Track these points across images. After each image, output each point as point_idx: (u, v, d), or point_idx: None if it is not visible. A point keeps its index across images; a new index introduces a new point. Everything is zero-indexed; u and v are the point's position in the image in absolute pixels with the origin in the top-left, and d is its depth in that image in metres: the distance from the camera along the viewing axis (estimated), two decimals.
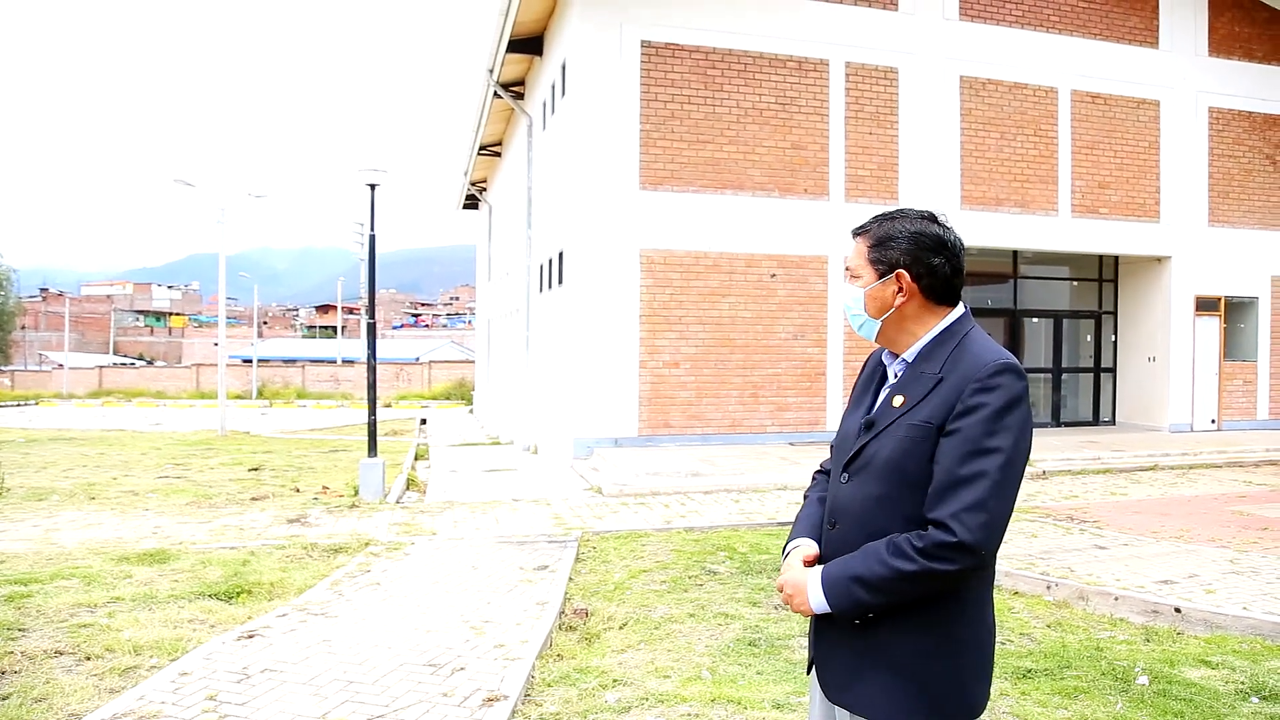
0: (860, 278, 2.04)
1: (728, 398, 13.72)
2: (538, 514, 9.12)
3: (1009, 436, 1.81)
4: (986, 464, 1.79)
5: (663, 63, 13.28)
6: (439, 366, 47.06)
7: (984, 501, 1.77)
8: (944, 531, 1.77)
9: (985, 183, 14.99)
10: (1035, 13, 15.29)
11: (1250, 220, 16.73)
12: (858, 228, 2.09)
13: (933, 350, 1.97)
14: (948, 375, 1.90)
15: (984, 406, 1.81)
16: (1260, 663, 4.84)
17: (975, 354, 1.89)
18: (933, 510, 1.81)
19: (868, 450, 1.96)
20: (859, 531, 1.94)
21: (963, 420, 1.82)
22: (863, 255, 2.04)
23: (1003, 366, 1.84)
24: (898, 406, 1.95)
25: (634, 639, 5.09)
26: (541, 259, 16.33)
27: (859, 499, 1.96)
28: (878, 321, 2.02)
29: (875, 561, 1.83)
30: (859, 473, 1.98)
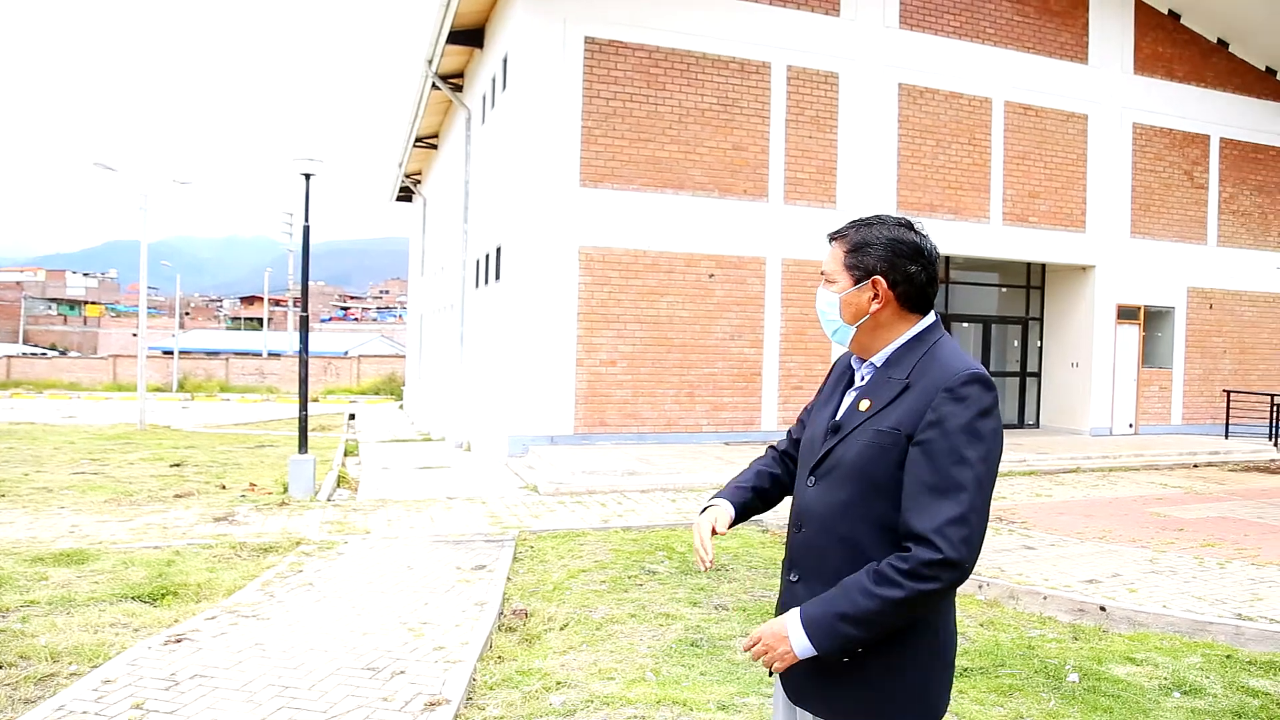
0: (836, 283, 2.02)
1: (664, 397, 13.74)
2: (473, 512, 8.99)
3: (982, 448, 1.80)
4: (963, 476, 1.78)
5: (606, 59, 13.23)
6: (368, 361, 46.23)
7: (965, 515, 1.76)
8: (928, 548, 1.75)
9: (921, 189, 15.28)
10: (972, 25, 15.64)
11: (1169, 233, 17.39)
12: (834, 232, 2.07)
13: (901, 356, 1.96)
14: (915, 382, 1.89)
15: (955, 417, 1.81)
16: (1180, 659, 5.01)
17: (944, 363, 1.89)
18: (912, 524, 1.79)
19: (834, 454, 1.96)
20: (825, 536, 1.94)
21: (934, 431, 1.81)
22: (839, 260, 2.02)
23: (972, 376, 1.84)
24: (864, 411, 1.94)
25: (575, 640, 5.04)
26: (478, 254, 16.13)
27: (825, 503, 1.95)
28: (852, 327, 2.01)
29: (860, 594, 1.79)
30: (825, 476, 1.97)
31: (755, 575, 6.70)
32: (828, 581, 1.92)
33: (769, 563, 7.11)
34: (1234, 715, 4.24)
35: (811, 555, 1.97)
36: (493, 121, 15.10)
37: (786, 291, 14.42)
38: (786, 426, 14.34)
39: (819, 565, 1.96)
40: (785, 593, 2.07)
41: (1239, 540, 8.05)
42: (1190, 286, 17.59)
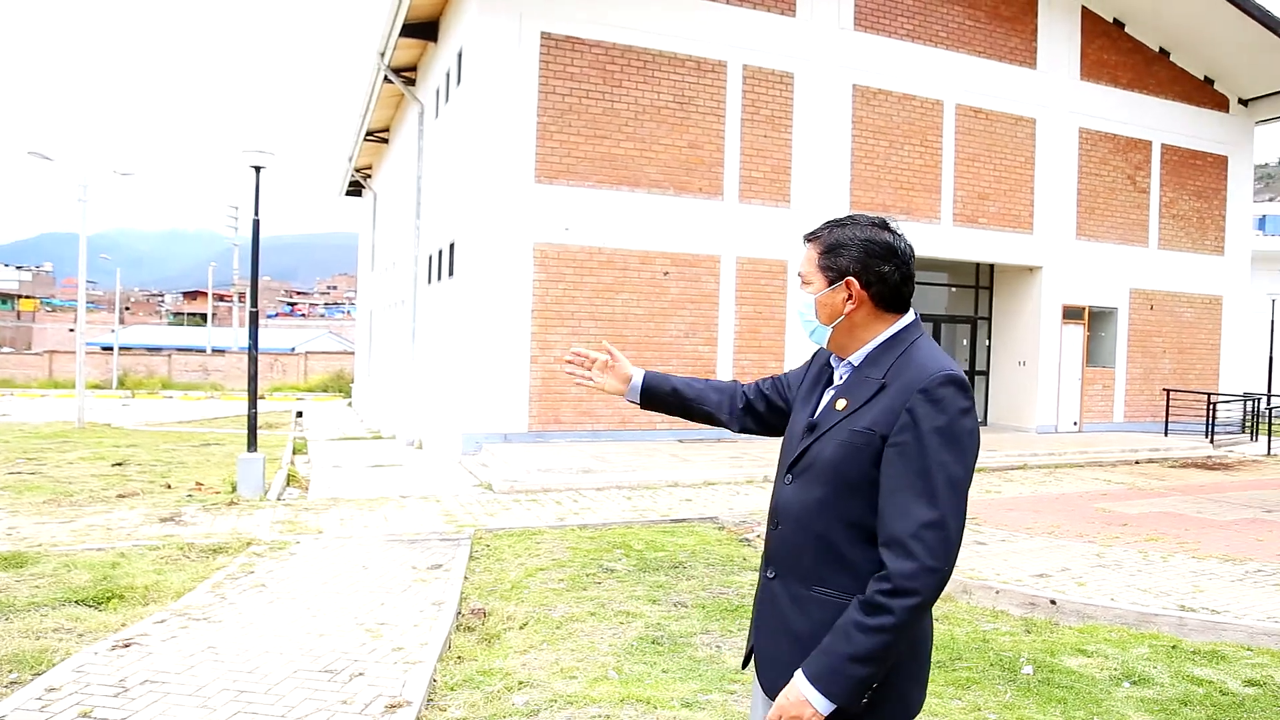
0: (811, 284, 2.03)
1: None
2: (428, 511, 8.89)
3: (958, 450, 1.81)
4: (939, 479, 1.78)
5: (562, 55, 13.16)
6: (316, 357, 45.48)
7: (942, 519, 1.77)
8: (905, 556, 1.76)
9: (874, 189, 15.45)
10: (925, 28, 15.86)
11: (1113, 235, 17.82)
12: (810, 233, 2.07)
13: (878, 356, 1.97)
14: (891, 382, 1.89)
15: (930, 419, 1.81)
16: (1129, 650, 5.14)
17: (920, 363, 1.89)
18: (889, 528, 1.80)
19: (810, 452, 1.97)
20: (801, 533, 1.96)
21: (909, 433, 1.81)
22: (813, 262, 2.03)
23: (947, 378, 1.84)
24: (840, 410, 1.95)
25: (536, 639, 5.01)
26: (431, 250, 15.96)
27: (801, 501, 1.96)
28: (829, 328, 2.02)
29: (857, 631, 1.77)
30: (802, 474, 1.98)
31: (713, 572, 6.72)
32: (803, 578, 1.94)
33: (725, 560, 7.14)
34: (1181, 704, 4.36)
35: (788, 552, 1.99)
36: (447, 116, 14.94)
37: (741, 290, 14.49)
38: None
39: (795, 562, 1.97)
40: (763, 589, 2.08)
41: (1180, 534, 8.28)
42: (1132, 288, 18.05)
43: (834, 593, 1.90)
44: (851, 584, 1.89)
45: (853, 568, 1.89)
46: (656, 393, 2.38)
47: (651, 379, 2.38)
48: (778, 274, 14.76)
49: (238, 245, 52.33)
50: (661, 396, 2.38)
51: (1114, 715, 4.16)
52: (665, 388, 2.38)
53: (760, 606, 2.08)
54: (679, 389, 2.38)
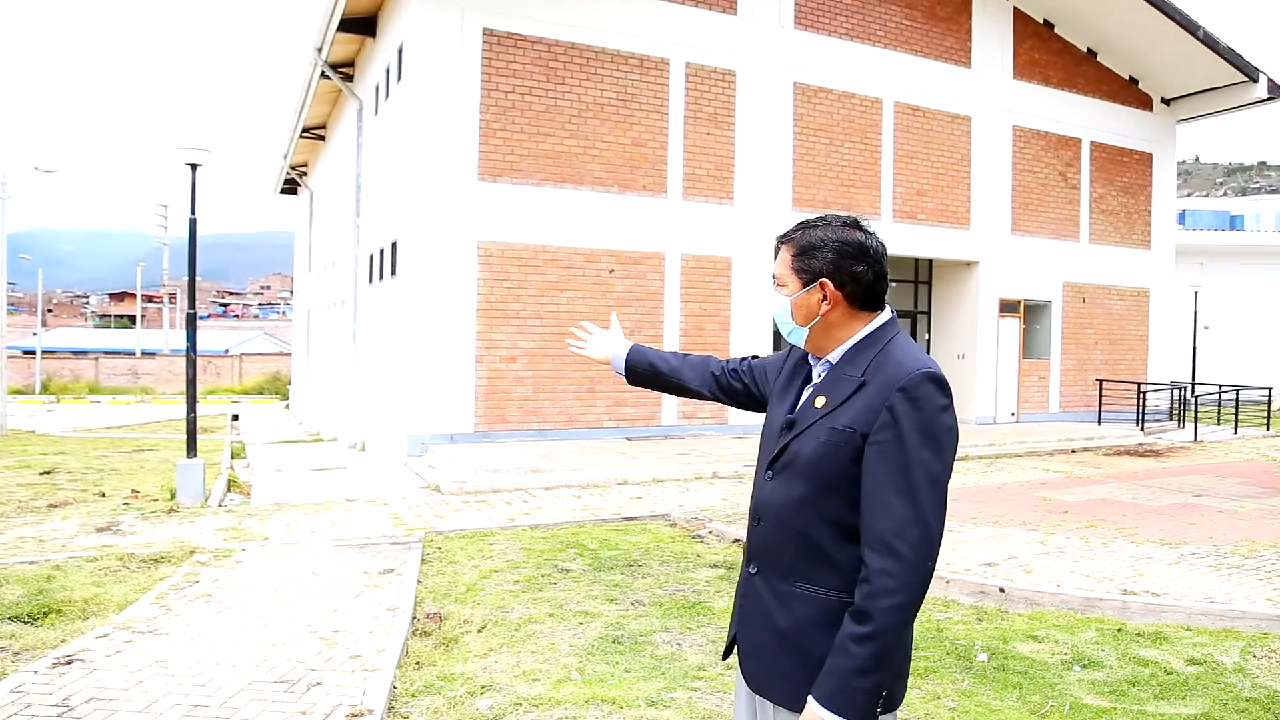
0: (786, 286, 2.04)
1: (565, 393, 13.66)
2: (376, 514, 8.74)
3: (938, 448, 1.83)
4: (919, 477, 1.80)
5: (505, 52, 13.04)
6: (251, 359, 44.48)
7: (923, 517, 1.79)
8: (886, 554, 1.78)
9: (815, 186, 15.62)
10: (863, 27, 16.08)
11: (1046, 230, 18.29)
12: (783, 235, 2.08)
13: (856, 354, 1.98)
14: (870, 380, 1.91)
15: (909, 418, 1.83)
16: (1077, 634, 5.28)
17: (898, 361, 1.91)
18: (872, 526, 1.82)
19: (790, 449, 1.98)
20: (781, 530, 1.98)
21: (889, 431, 1.83)
22: (787, 264, 2.04)
23: (926, 376, 1.86)
24: (819, 408, 1.96)
25: (495, 642, 4.96)
26: (372, 249, 15.69)
27: (781, 498, 1.99)
28: (806, 329, 2.03)
29: (854, 644, 1.78)
30: (782, 472, 2.00)
31: (668, 570, 6.73)
32: (785, 574, 1.96)
33: (679, 557, 7.16)
34: (1129, 684, 4.49)
35: (769, 548, 2.01)
36: (387, 113, 14.70)
37: (685, 287, 14.53)
38: (687, 421, 14.49)
39: (776, 558, 1.99)
40: (744, 584, 2.10)
41: (1118, 520, 8.53)
42: (1065, 281, 18.55)
43: (816, 589, 1.92)
44: (833, 580, 1.90)
45: (834, 564, 1.91)
46: (636, 368, 2.49)
47: (633, 356, 2.48)
48: (722, 271, 14.84)
49: (168, 245, 50.87)
50: (641, 372, 2.48)
51: (1067, 698, 4.27)
52: (643, 364, 2.48)
53: (743, 601, 2.09)
54: (655, 364, 2.46)
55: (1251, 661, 4.85)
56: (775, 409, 2.14)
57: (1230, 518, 8.79)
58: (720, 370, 2.42)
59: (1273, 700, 4.35)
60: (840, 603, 1.89)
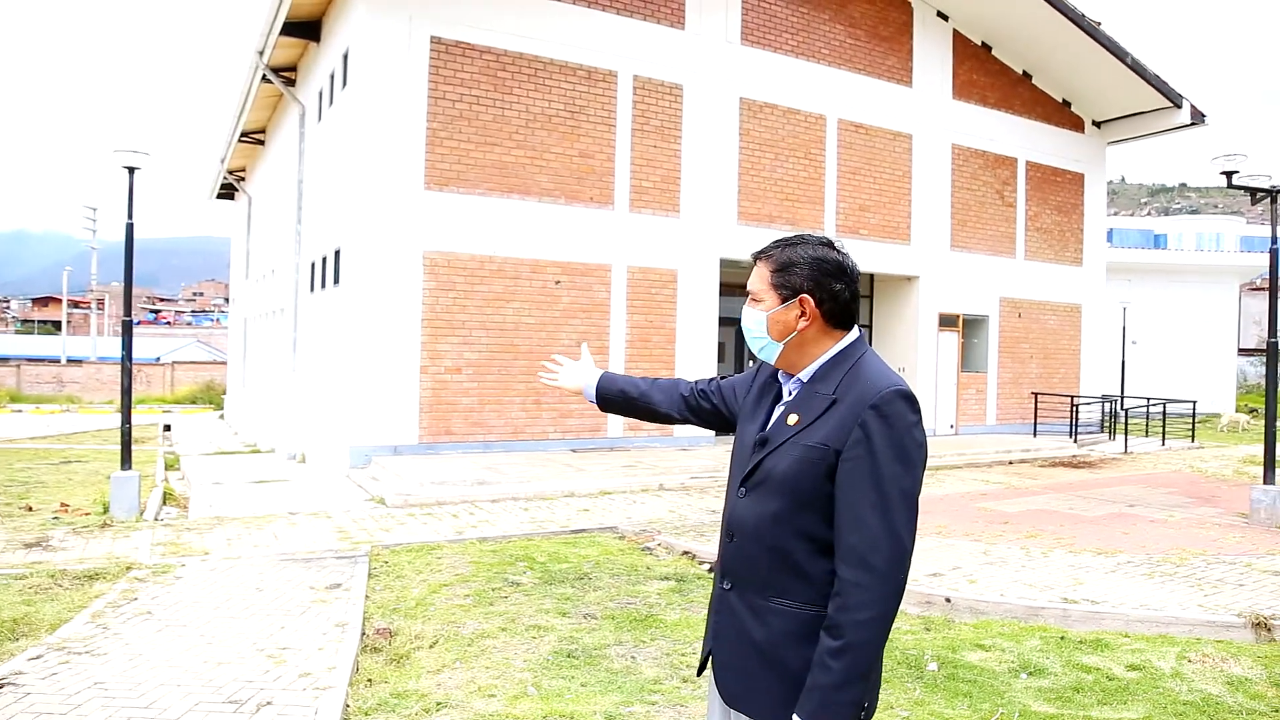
0: (763, 301, 2.06)
1: (511, 404, 13.57)
2: (320, 528, 8.57)
3: (908, 463, 1.88)
4: (892, 493, 1.85)
5: (452, 61, 12.95)
6: (184, 368, 43.28)
7: (896, 531, 1.84)
8: (859, 567, 1.83)
9: (760, 200, 15.79)
10: (808, 45, 16.33)
11: (983, 247, 18.75)
12: (760, 252, 2.11)
13: (827, 372, 2.02)
14: (842, 398, 1.94)
15: (882, 435, 1.87)
16: (1022, 642, 5.40)
17: (870, 379, 1.95)
18: (847, 541, 1.85)
19: (763, 466, 2.01)
20: (756, 545, 2.00)
21: (862, 448, 1.87)
22: (766, 280, 2.06)
23: (897, 393, 1.90)
24: (792, 425, 1.99)
25: (448, 658, 4.89)
26: (314, 256, 15.42)
27: (755, 514, 2.01)
28: (780, 345, 2.06)
29: (831, 659, 1.82)
30: (755, 488, 2.02)
31: (618, 582, 6.72)
32: (760, 589, 1.99)
33: (630, 569, 7.15)
34: (1074, 691, 4.61)
35: (743, 564, 2.03)
36: (331, 119, 14.48)
37: (632, 299, 14.56)
38: (633, 433, 14.49)
39: (750, 573, 2.01)
40: (719, 600, 2.11)
41: (1057, 530, 8.76)
42: (1002, 296, 19.02)
43: (791, 603, 1.95)
44: (808, 593, 1.93)
45: (808, 578, 1.94)
46: (606, 395, 2.51)
47: (603, 384, 2.51)
48: (668, 283, 14.90)
49: (96, 249, 49.33)
50: (611, 399, 2.51)
51: (1016, 706, 4.36)
52: (614, 391, 2.50)
53: (717, 616, 2.11)
54: (625, 390, 2.50)
55: (1187, 666, 5.01)
56: (746, 427, 2.16)
57: (1161, 527, 9.08)
58: (689, 391, 2.44)
59: (1208, 703, 4.50)
60: (815, 616, 1.92)
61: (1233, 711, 4.42)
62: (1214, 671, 4.93)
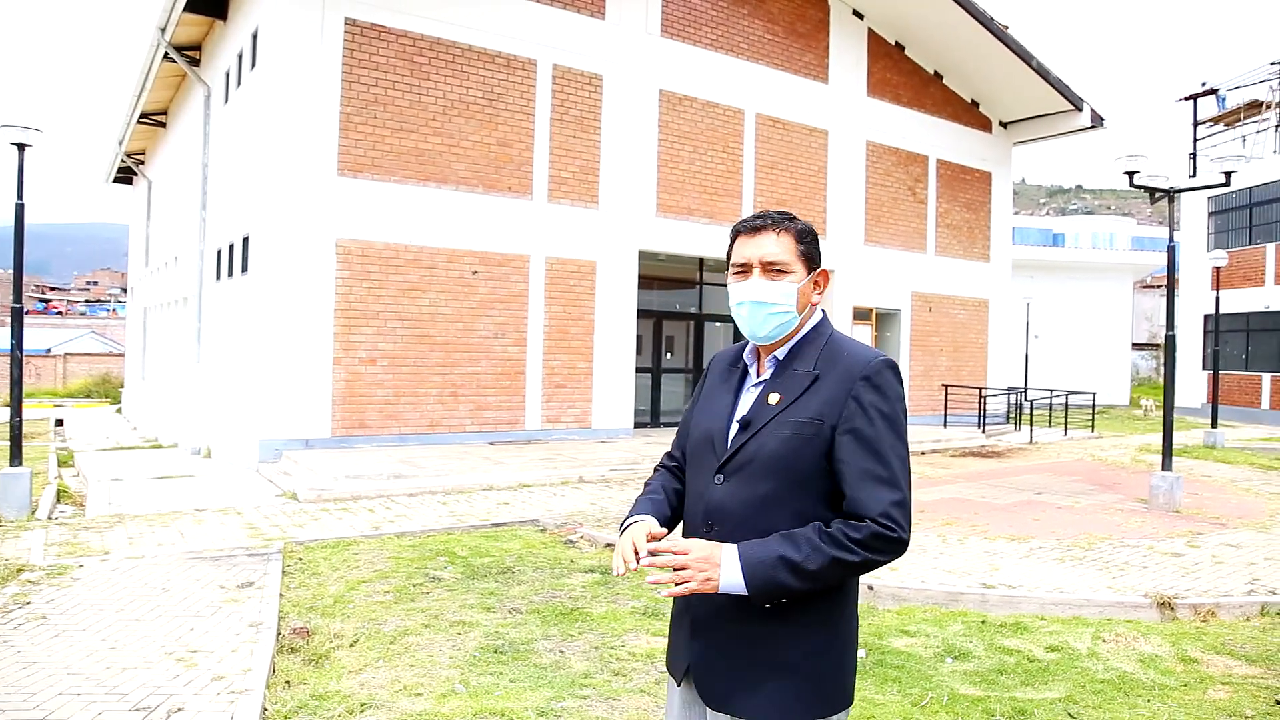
0: (793, 273, 1.98)
1: (427, 396, 13.29)
2: (229, 524, 8.23)
3: (901, 431, 1.89)
4: (894, 461, 1.85)
5: (368, 44, 12.58)
6: (77, 360, 41.26)
7: (904, 498, 1.84)
8: (883, 527, 1.79)
9: (679, 193, 15.81)
10: (727, 39, 16.41)
11: (896, 242, 19.16)
12: (776, 221, 2.01)
13: (801, 349, 1.99)
14: (825, 373, 1.92)
15: (878, 405, 1.87)
16: (945, 627, 5.49)
17: (853, 352, 1.94)
18: (860, 507, 1.82)
19: (748, 449, 1.93)
20: (746, 531, 1.89)
21: (861, 419, 1.86)
22: (793, 250, 1.99)
23: (885, 363, 1.91)
24: (774, 404, 1.94)
25: (370, 656, 4.72)
26: (220, 244, 14.82)
27: (741, 499, 1.92)
28: (797, 318, 1.99)
29: (808, 547, 1.79)
30: (738, 472, 1.93)
31: (542, 576, 6.62)
32: None
33: (553, 563, 7.05)
34: (998, 673, 4.70)
35: None
36: (239, 101, 13.92)
37: (550, 290, 14.41)
38: (551, 425, 14.37)
39: None
40: (698, 600, 1.95)
41: (971, 518, 8.98)
42: (914, 291, 19.48)
43: None
44: None
45: None
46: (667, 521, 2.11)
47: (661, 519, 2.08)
48: (586, 274, 14.80)
49: None
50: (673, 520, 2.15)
51: (944, 689, 4.42)
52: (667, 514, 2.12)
53: (696, 617, 1.97)
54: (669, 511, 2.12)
55: (1102, 646, 5.17)
56: (704, 414, 2.08)
57: (1068, 513, 9.41)
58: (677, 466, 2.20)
59: (1124, 681, 4.64)
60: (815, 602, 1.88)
61: (1146, 687, 4.57)
62: (1127, 650, 5.10)
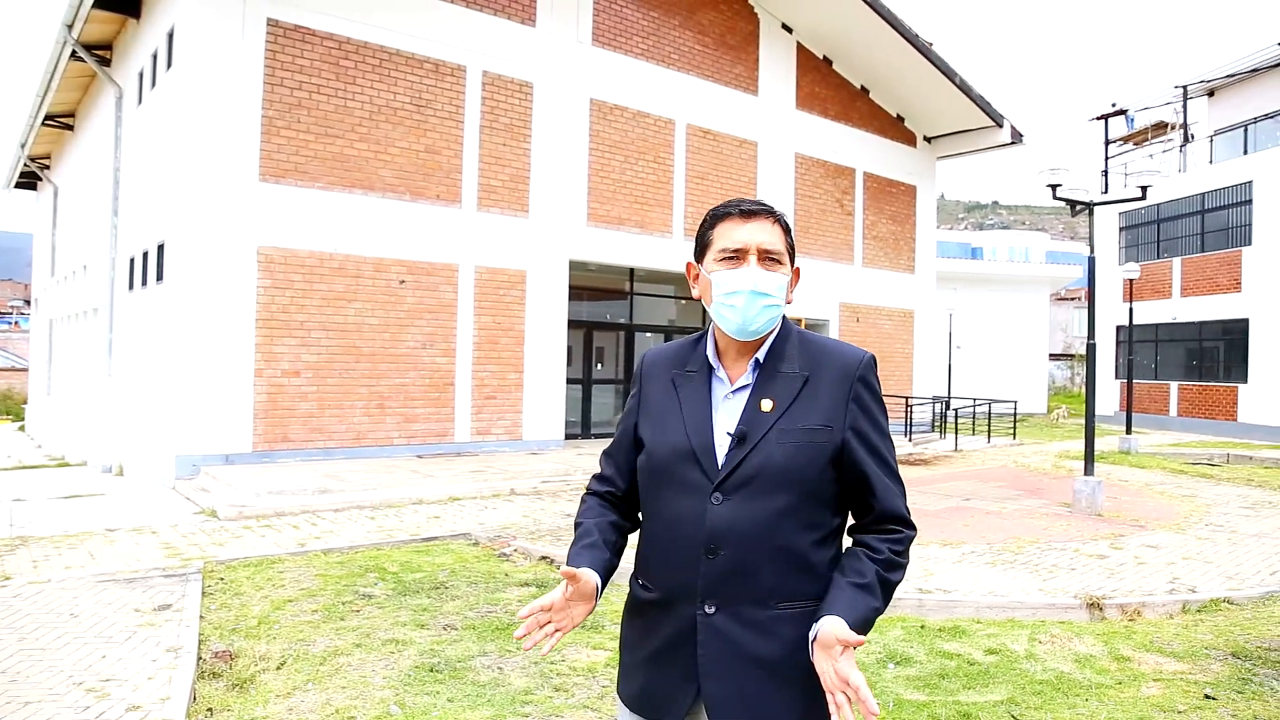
0: (784, 265, 1.89)
1: (353, 409, 12.94)
2: (144, 544, 7.84)
3: (888, 427, 1.90)
4: (892, 460, 1.86)
5: (291, 46, 12.23)
6: None
7: (906, 494, 1.87)
8: (907, 527, 1.83)
9: (610, 202, 15.75)
10: (658, 49, 16.44)
11: (824, 253, 19.41)
12: (769, 208, 1.90)
13: (779, 348, 1.88)
14: (814, 374, 1.83)
15: (875, 405, 1.86)
16: (885, 633, 5.49)
17: (837, 350, 1.88)
18: (885, 509, 1.82)
19: (751, 462, 1.78)
20: (756, 552, 1.76)
21: (866, 421, 1.83)
22: (784, 242, 1.90)
23: (871, 360, 1.89)
24: (769, 411, 1.81)
25: (299, 679, 4.50)
26: (134, 252, 14.22)
27: (750, 517, 1.77)
28: (784, 310, 1.89)
29: (881, 586, 1.78)
30: (743, 488, 1.78)
31: (477, 590, 6.44)
32: (761, 600, 1.77)
33: (487, 577, 6.88)
34: (940, 677, 4.71)
35: (737, 578, 1.77)
36: (153, 103, 13.40)
37: (480, 300, 14.20)
38: (481, 437, 14.12)
39: (748, 586, 1.77)
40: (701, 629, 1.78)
41: None
42: (842, 302, 19.75)
43: (800, 603, 1.78)
44: (816, 589, 1.79)
45: (815, 573, 1.80)
46: (608, 573, 1.92)
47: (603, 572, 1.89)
48: (517, 284, 14.62)
49: None
50: (612, 570, 1.95)
51: (889, 695, 4.40)
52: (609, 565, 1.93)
53: (702, 650, 1.78)
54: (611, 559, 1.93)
55: (1039, 647, 5.22)
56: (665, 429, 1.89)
57: (997, 518, 9.58)
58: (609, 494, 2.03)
59: (1062, 681, 4.69)
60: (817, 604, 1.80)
61: (1084, 686, 4.62)
62: (1063, 650, 5.16)
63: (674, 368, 1.96)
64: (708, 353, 1.93)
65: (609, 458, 2.04)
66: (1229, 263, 23.45)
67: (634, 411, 1.99)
